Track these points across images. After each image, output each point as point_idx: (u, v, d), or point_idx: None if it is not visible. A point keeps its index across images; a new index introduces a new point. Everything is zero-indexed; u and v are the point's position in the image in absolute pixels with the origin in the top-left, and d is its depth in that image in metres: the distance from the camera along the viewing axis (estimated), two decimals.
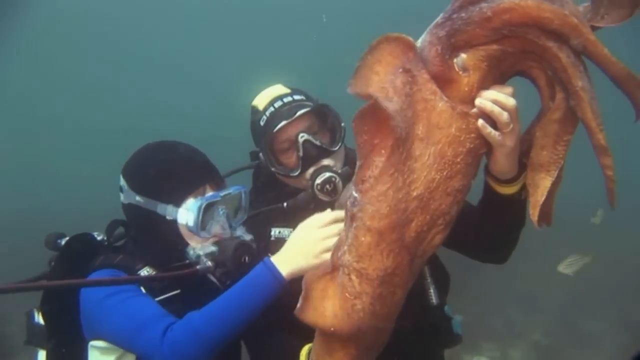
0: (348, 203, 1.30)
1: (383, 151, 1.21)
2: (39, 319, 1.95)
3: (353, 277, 1.28)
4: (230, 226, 1.87)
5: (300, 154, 1.85)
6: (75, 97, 16.69)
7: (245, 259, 1.78)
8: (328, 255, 1.48)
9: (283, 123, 1.83)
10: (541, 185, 1.35)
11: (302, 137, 1.84)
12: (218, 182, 1.91)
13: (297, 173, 1.87)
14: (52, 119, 16.49)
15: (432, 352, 2.01)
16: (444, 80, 1.22)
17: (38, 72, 15.77)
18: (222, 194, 1.85)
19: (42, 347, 1.93)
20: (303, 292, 1.35)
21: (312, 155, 1.84)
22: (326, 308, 1.32)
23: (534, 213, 1.37)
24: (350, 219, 1.30)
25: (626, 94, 1.23)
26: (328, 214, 1.63)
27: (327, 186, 1.81)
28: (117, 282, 1.72)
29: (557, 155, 1.33)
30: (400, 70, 1.19)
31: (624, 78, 1.20)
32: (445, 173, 1.26)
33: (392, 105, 1.17)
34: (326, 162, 1.86)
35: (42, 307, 1.86)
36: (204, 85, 17.59)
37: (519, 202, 1.53)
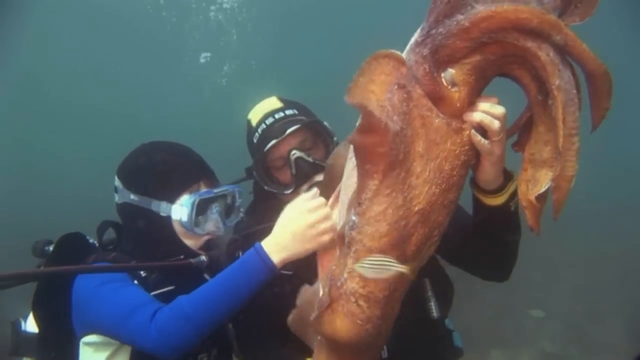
0: (347, 227, 1.29)
1: (375, 175, 1.21)
2: (27, 326, 1.95)
3: (361, 302, 1.28)
4: (224, 224, 1.90)
5: (293, 171, 1.85)
6: (83, 81, 16.55)
7: (238, 254, 1.78)
8: (324, 238, 1.52)
9: (273, 142, 1.84)
10: (542, 180, 1.32)
11: (294, 154, 1.84)
12: (212, 180, 1.94)
13: (290, 191, 1.87)
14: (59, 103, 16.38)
15: None
16: (435, 98, 1.23)
17: (45, 56, 15.63)
18: (216, 191, 1.89)
19: (29, 356, 1.92)
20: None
21: (305, 172, 1.84)
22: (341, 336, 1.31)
23: (533, 191, 1.32)
24: (347, 245, 1.29)
25: (593, 98, 1.22)
26: (314, 200, 1.61)
27: None
28: (112, 269, 1.73)
29: None
30: (396, 86, 1.19)
31: (600, 75, 1.19)
32: (443, 186, 1.27)
33: (394, 125, 1.16)
34: (319, 178, 1.84)
35: (35, 305, 1.86)
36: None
37: (509, 213, 1.52)
